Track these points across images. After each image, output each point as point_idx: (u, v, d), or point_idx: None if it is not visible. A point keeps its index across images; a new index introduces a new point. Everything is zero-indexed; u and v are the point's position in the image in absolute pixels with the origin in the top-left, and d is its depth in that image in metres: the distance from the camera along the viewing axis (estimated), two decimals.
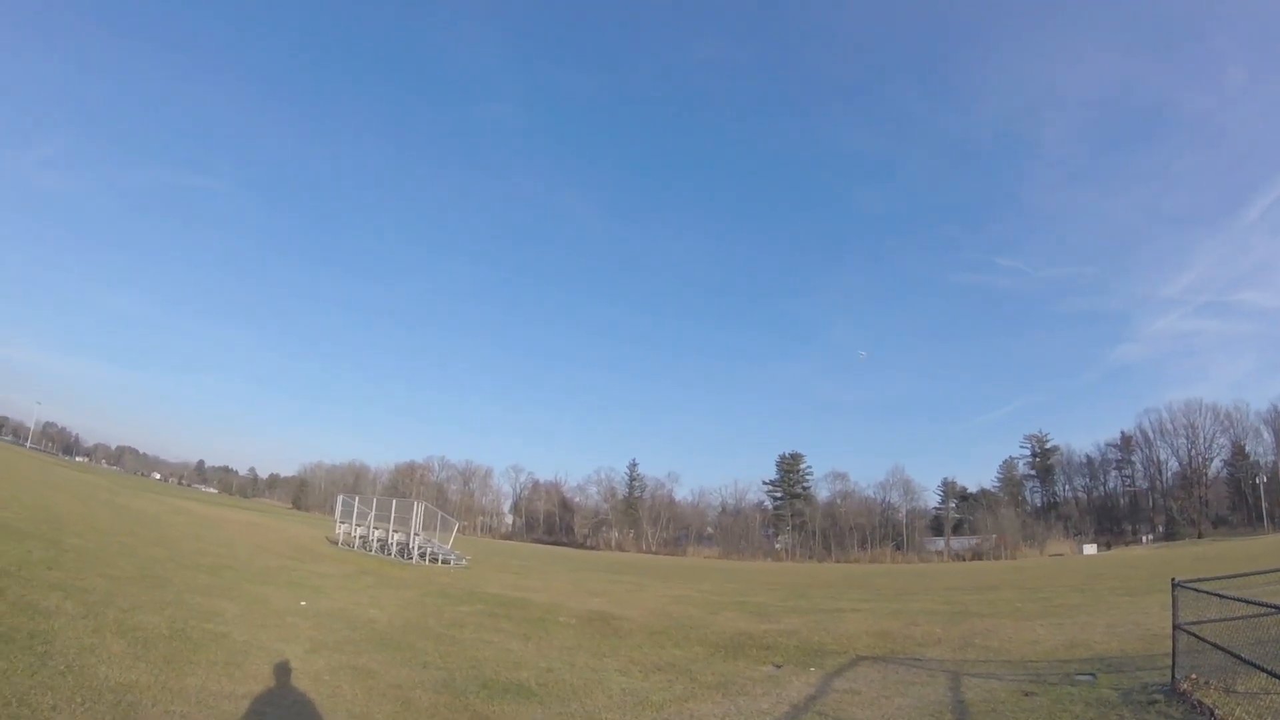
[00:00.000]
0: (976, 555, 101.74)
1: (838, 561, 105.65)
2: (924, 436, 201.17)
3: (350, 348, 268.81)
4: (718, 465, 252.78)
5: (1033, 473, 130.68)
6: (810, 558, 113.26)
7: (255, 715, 7.05)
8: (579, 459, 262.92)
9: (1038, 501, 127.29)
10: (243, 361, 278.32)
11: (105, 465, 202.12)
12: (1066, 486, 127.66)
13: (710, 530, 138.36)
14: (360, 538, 37.99)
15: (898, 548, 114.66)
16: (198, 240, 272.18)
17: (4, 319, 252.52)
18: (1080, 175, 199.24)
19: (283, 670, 8.94)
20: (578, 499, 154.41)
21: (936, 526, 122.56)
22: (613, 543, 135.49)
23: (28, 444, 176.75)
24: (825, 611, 21.73)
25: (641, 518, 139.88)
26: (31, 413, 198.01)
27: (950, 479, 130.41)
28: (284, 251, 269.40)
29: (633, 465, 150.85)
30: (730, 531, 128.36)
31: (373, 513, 38.39)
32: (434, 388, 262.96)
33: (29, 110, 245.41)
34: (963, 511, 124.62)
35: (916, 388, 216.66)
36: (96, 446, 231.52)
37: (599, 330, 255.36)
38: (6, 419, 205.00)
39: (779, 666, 12.05)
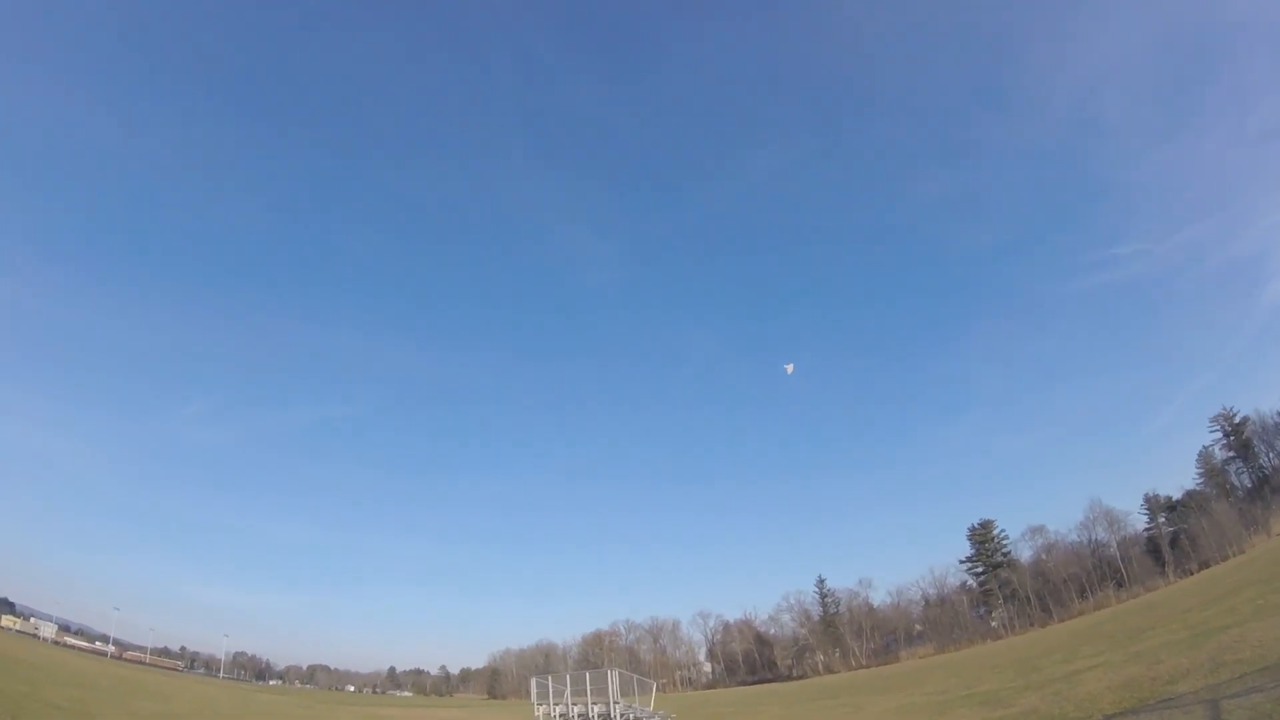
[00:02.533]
0: (1203, 564, 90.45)
1: (1060, 621, 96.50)
2: (1108, 458, 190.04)
3: (516, 536, 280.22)
4: (909, 558, 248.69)
5: (1231, 454, 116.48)
6: (1030, 625, 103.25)
7: None
8: (764, 590, 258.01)
9: (1247, 482, 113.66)
10: (417, 568, 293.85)
11: (299, 685, 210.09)
12: (1271, 455, 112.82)
13: (918, 627, 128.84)
14: (560, 716, 36.86)
15: (1119, 585, 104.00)
16: (348, 464, 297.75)
17: (185, 562, 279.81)
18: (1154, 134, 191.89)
19: None
20: (772, 630, 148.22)
21: (1153, 548, 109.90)
22: (819, 667, 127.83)
23: (220, 674, 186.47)
24: (1059, 679, 19.17)
25: (843, 633, 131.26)
26: (220, 645, 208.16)
27: (1151, 492, 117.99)
28: (428, 459, 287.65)
29: (820, 582, 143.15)
30: (939, 623, 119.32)
31: (568, 689, 37.36)
32: (608, 555, 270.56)
33: (175, 374, 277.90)
34: (1175, 522, 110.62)
35: (1083, 410, 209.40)
36: (288, 669, 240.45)
37: (759, 459, 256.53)
38: (197, 654, 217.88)
39: None
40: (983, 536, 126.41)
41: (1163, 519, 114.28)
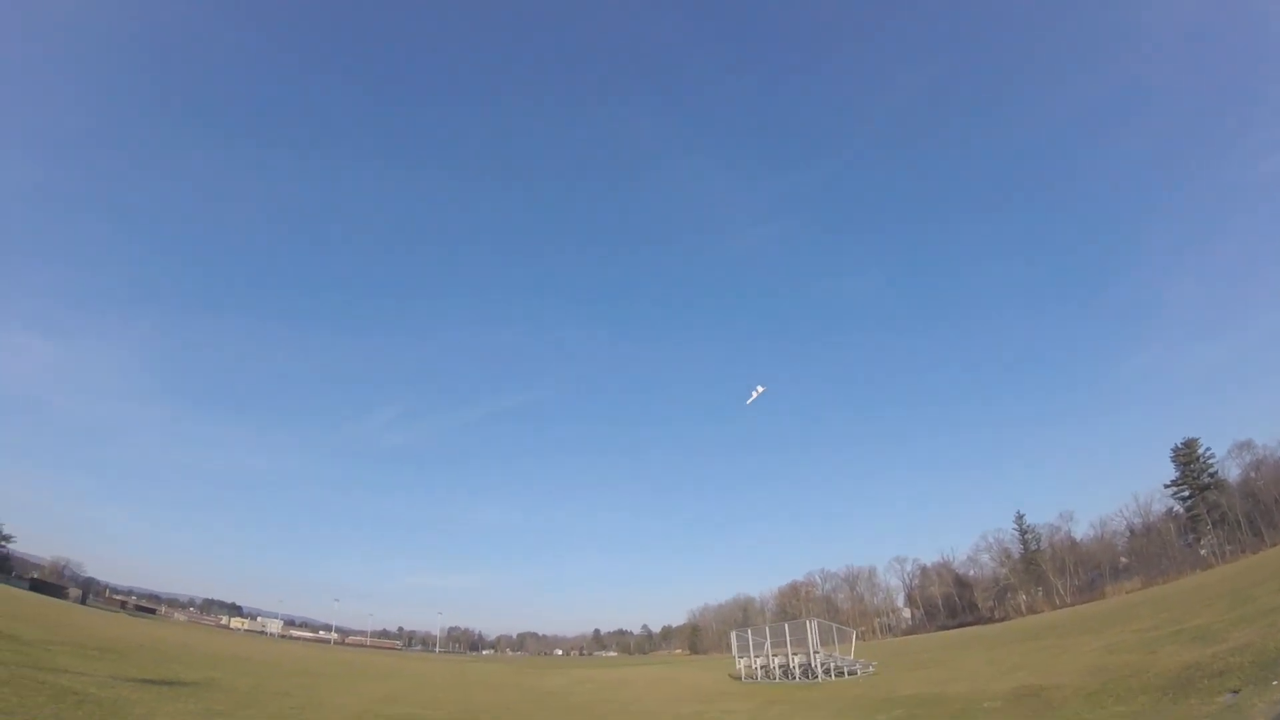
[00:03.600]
0: None
1: (1273, 545, 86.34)
2: None
3: (708, 494, 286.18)
4: (1111, 487, 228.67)
5: None
6: (1241, 551, 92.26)
7: None
8: (961, 530, 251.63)
9: None
10: (614, 536, 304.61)
11: (509, 653, 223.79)
12: None
13: (1124, 560, 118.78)
14: (761, 668, 37.77)
15: None
16: (537, 445, 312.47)
17: (396, 553, 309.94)
18: None
19: None
20: (971, 571, 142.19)
21: None
22: (1021, 607, 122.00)
23: (436, 649, 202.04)
24: (1274, 610, 18.36)
25: (1045, 571, 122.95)
26: (435, 622, 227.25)
27: None
28: (609, 436, 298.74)
29: (1019, 519, 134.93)
30: (1145, 555, 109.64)
31: (767, 641, 38.19)
32: (802, 505, 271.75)
33: (364, 389, 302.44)
34: None
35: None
36: (499, 638, 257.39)
37: (946, 395, 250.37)
38: (414, 633, 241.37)
39: (1236, 693, 10.11)
40: (1186, 457, 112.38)
41: None
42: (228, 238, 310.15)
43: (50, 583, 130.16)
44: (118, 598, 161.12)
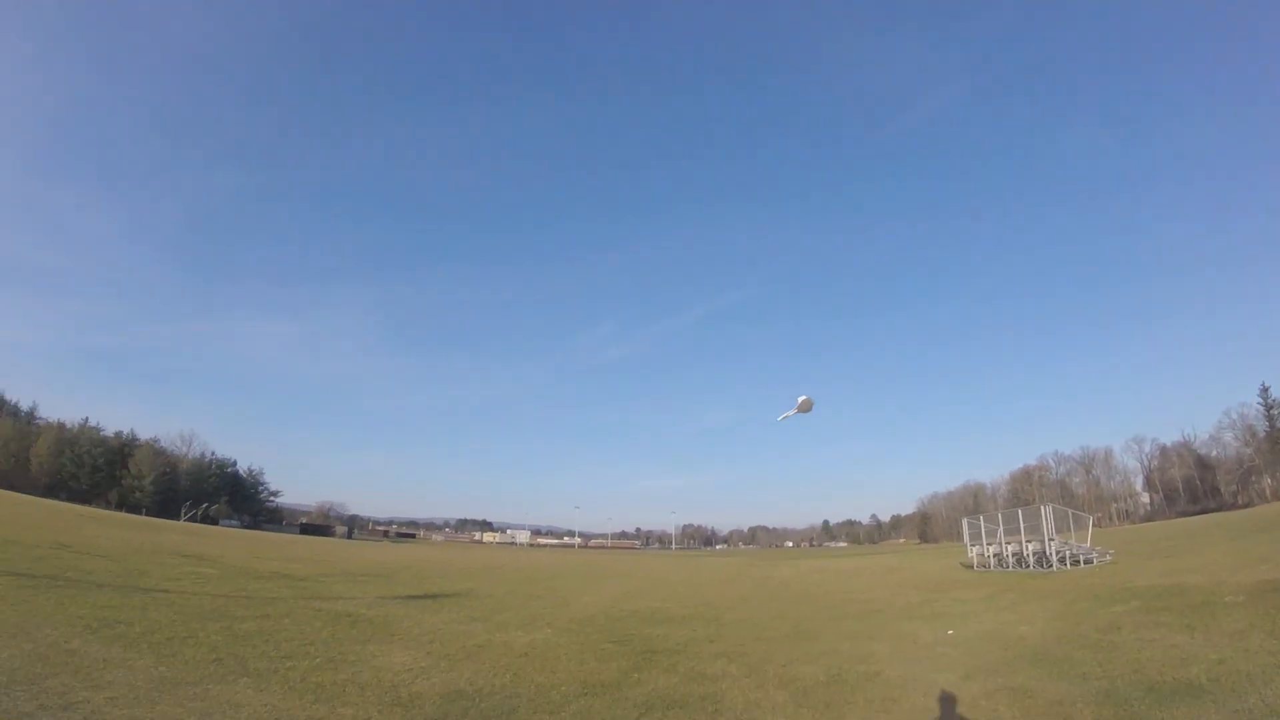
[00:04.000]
0: None
1: None
2: None
3: (933, 379, 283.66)
4: None
5: None
6: None
7: None
8: (1202, 407, 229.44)
9: None
10: (843, 426, 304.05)
11: (741, 546, 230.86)
12: None
13: None
14: (994, 556, 37.18)
15: None
16: (755, 342, 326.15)
17: (630, 459, 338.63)
18: None
19: (938, 700, 9.02)
20: (1214, 453, 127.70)
21: None
22: (1266, 492, 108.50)
23: (672, 547, 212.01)
24: None
25: None
26: (670, 521, 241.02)
27: None
28: (828, 326, 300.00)
29: (1264, 392, 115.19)
30: None
31: (999, 528, 37.48)
32: (1032, 385, 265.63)
33: (584, 306, 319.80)
34: None
35: None
36: (731, 533, 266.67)
37: (1185, 253, 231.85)
38: (650, 532, 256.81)
39: None
40: None
41: None
42: (426, 194, 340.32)
43: (318, 525, 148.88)
44: (379, 529, 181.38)
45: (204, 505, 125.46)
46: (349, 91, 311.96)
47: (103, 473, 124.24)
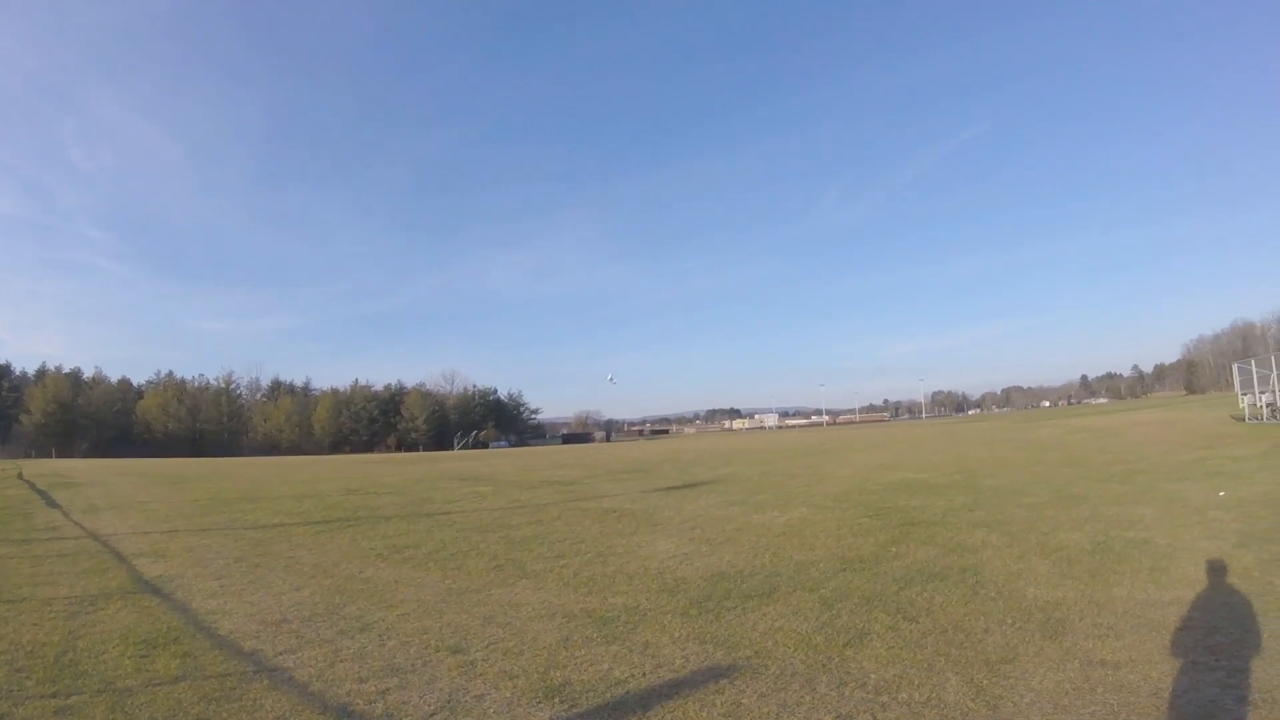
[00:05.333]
0: None
1: None
2: None
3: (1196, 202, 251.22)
4: None
5: None
6: None
7: (1182, 618, 6.89)
8: None
9: None
10: (1100, 264, 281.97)
11: (996, 410, 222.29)
12: None
13: None
14: (1268, 406, 33.77)
15: None
16: (990, 185, 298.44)
17: (874, 327, 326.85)
18: None
19: (1208, 569, 8.40)
20: None
21: None
22: None
23: (922, 415, 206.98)
24: None
25: None
26: (919, 389, 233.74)
27: None
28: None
29: None
30: None
31: (1274, 373, 33.70)
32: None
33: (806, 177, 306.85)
34: None
35: None
36: (984, 396, 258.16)
37: None
38: (899, 403, 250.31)
39: None
40: None
41: None
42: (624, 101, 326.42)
43: (578, 433, 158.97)
44: (635, 429, 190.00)
45: (473, 433, 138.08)
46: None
47: (379, 422, 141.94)
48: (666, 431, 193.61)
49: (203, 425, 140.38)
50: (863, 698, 5.11)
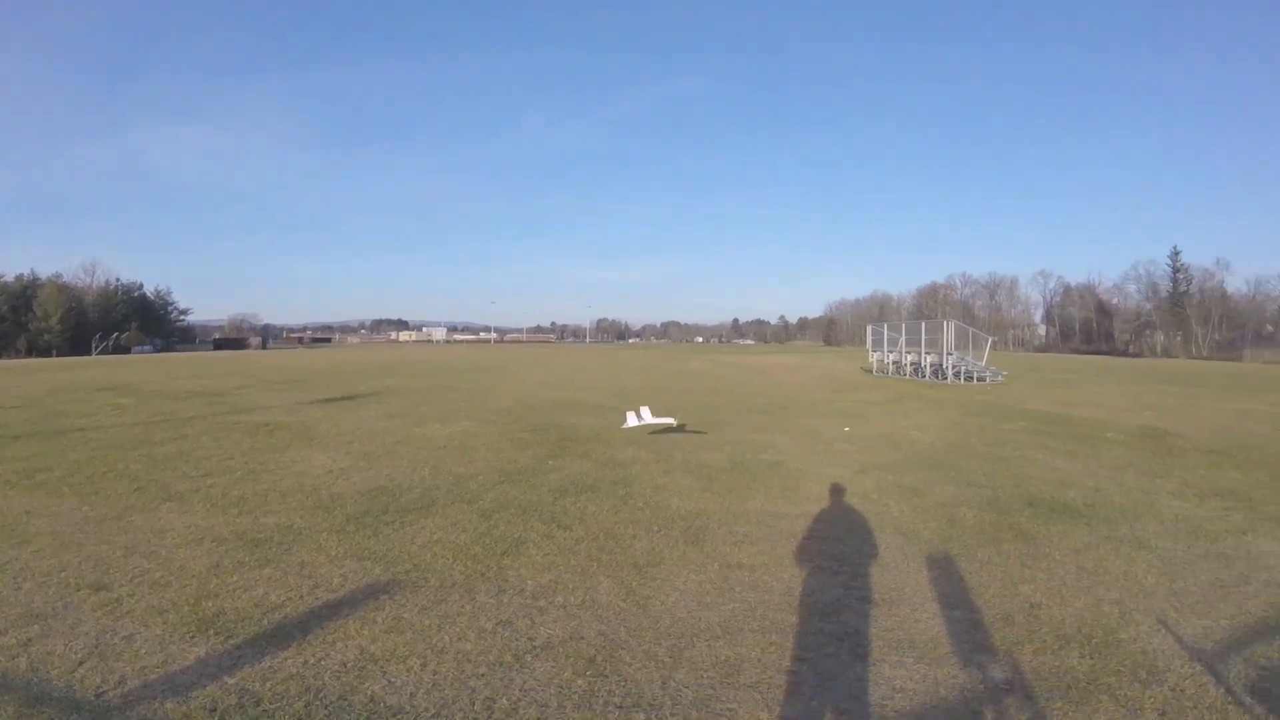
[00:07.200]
0: None
1: None
2: None
3: (853, 184, 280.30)
4: (1277, 243, 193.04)
5: None
6: None
7: (809, 529, 7.74)
8: (1113, 254, 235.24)
9: None
10: (757, 223, 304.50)
11: (653, 341, 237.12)
12: None
13: (1269, 328, 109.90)
14: (893, 363, 39.12)
15: None
16: (686, 137, 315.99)
17: (550, 251, 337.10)
18: None
19: (832, 491, 9.62)
20: (1115, 300, 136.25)
21: None
22: (1157, 348, 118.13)
23: (586, 340, 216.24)
24: None
25: (1189, 317, 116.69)
26: (585, 315, 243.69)
27: None
28: (761, 123, 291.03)
29: (1175, 255, 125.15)
30: None
31: (902, 338, 38.99)
32: (947, 204, 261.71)
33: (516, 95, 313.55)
34: None
35: None
36: (644, 328, 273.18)
37: (1114, 98, 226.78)
38: (565, 326, 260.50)
39: None
40: None
41: None
42: None
43: (231, 339, 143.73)
44: (294, 336, 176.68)
45: (114, 336, 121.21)
46: None
47: (7, 321, 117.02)
48: (329, 340, 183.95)
49: None
50: (521, 603, 5.42)
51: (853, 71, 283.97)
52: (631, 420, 13.88)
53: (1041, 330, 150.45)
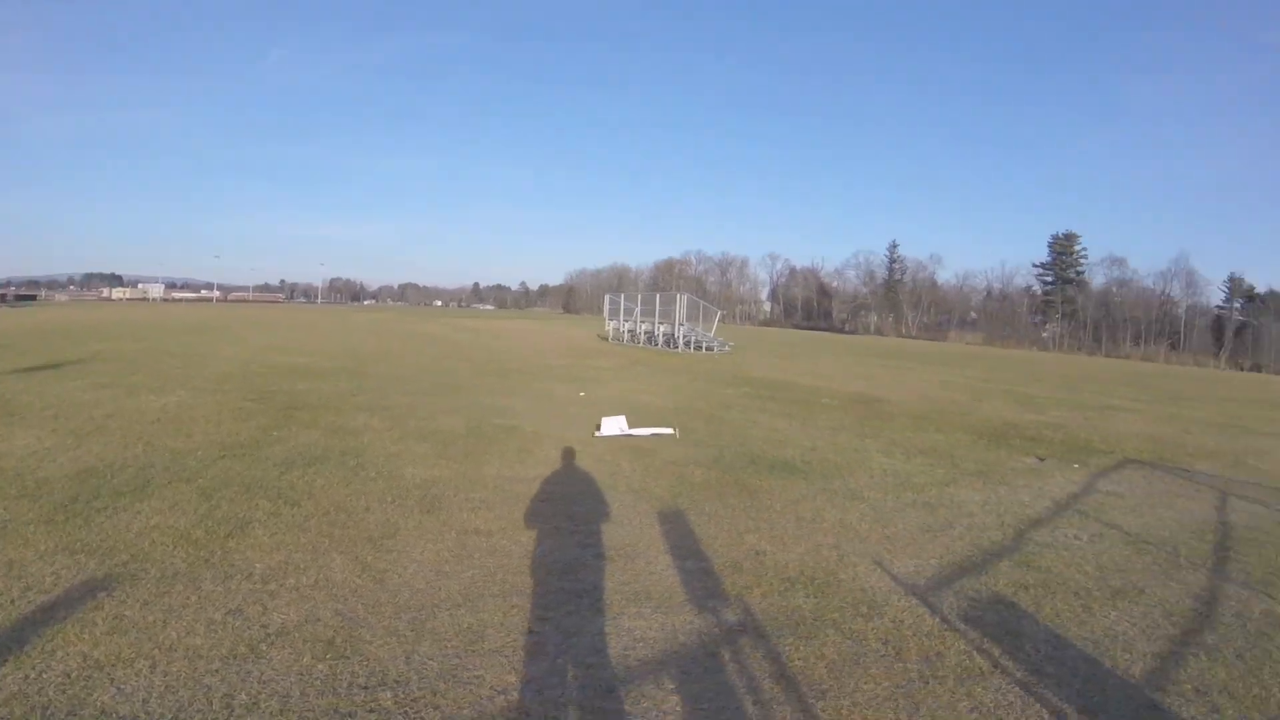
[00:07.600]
0: (1255, 366, 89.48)
1: (1108, 356, 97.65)
2: (1216, 225, 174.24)
3: (600, 156, 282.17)
4: (984, 246, 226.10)
5: None
6: (1079, 349, 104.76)
7: (545, 492, 7.90)
8: (837, 243, 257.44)
9: None
10: (503, 188, 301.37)
11: (390, 303, 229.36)
12: None
13: (973, 315, 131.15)
14: (629, 332, 40.63)
15: (1173, 347, 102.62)
16: (450, 91, 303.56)
17: (281, 203, 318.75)
18: None
19: (568, 453, 9.88)
20: (835, 284, 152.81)
21: (1217, 328, 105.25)
22: (871, 327, 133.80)
23: (318, 300, 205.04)
24: (1094, 408, 20.25)
25: (901, 301, 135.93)
26: (318, 274, 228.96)
27: (1238, 275, 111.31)
28: (525, 92, 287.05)
29: (893, 247, 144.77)
30: (995, 317, 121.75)
31: (638, 308, 40.55)
32: (687, 185, 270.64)
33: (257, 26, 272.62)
34: (1248, 314, 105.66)
35: (1214, 165, 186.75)
36: (381, 289, 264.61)
37: (850, 102, 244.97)
38: (296, 285, 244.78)
39: (1042, 460, 11.46)
40: (1063, 248, 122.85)
41: (1238, 305, 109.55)
42: None
43: None
44: None
45: None
46: None
47: None
48: (34, 298, 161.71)
49: None
50: (250, 589, 5.01)
51: (615, 42, 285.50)
52: (609, 429, 12.32)
53: (767, 307, 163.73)
